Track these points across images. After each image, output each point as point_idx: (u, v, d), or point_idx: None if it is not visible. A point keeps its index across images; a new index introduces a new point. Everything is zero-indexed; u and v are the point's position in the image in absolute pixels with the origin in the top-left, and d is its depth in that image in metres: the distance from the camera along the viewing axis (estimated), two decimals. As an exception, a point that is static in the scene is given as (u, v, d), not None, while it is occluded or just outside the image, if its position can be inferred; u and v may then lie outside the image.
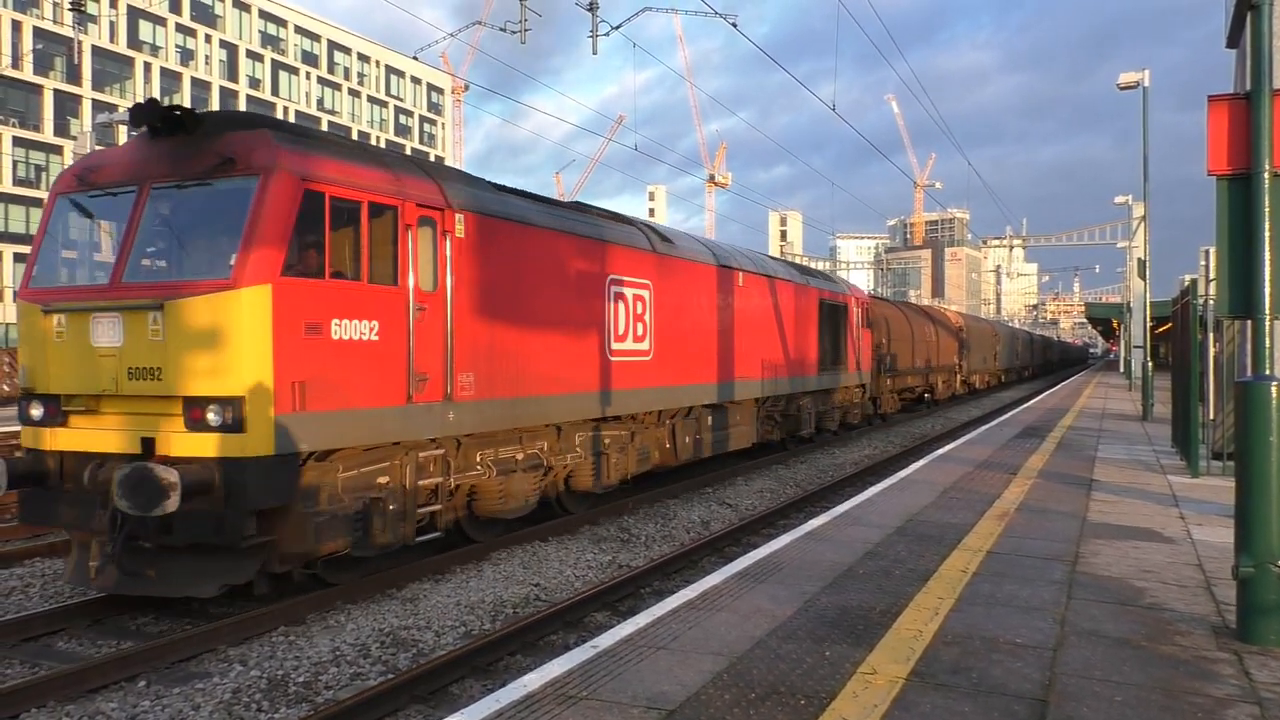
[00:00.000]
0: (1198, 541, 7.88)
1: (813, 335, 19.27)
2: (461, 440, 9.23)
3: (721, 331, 14.93)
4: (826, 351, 20.14)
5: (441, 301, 8.70)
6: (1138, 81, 27.11)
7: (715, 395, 14.65)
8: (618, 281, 11.89)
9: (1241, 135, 5.38)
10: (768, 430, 17.42)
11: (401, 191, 8.32)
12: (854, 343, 22.25)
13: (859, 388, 23.07)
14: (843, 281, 23.27)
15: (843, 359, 21.33)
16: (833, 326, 20.59)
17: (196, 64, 71.10)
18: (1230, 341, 12.68)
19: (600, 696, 4.32)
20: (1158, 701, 4.27)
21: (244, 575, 7.24)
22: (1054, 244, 78.70)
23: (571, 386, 10.80)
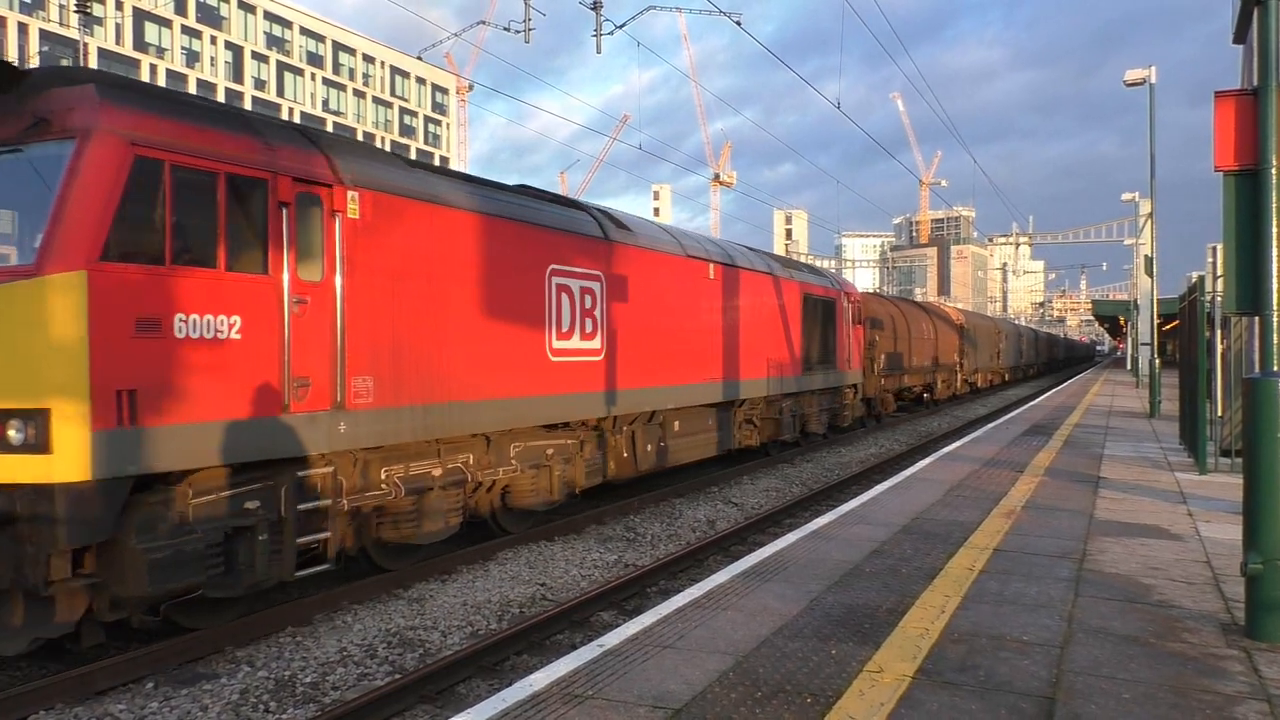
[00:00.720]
0: (1206, 539, 7.86)
1: (796, 332, 18.03)
2: (360, 455, 7.96)
3: (689, 329, 13.74)
4: (812, 350, 18.90)
5: (329, 294, 7.48)
6: (1144, 78, 27.01)
7: (682, 399, 13.51)
8: (561, 272, 10.58)
9: (1249, 131, 5.36)
10: (745, 435, 16.30)
11: (273, 163, 7.07)
12: (844, 340, 20.98)
13: (850, 388, 21.89)
14: (832, 275, 21.94)
15: (832, 358, 20.03)
16: (820, 323, 19.32)
17: (202, 65, 71.26)
18: (1238, 338, 12.63)
19: (606, 695, 4.32)
20: (1166, 699, 4.25)
21: (58, 627, 5.95)
22: (1061, 241, 78.55)
23: (503, 391, 9.54)
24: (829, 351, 19.90)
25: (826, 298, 19.92)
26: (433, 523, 8.73)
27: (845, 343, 21.11)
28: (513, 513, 10.56)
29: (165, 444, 6.25)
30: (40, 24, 59.94)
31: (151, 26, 67.95)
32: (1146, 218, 33.93)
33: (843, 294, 21.15)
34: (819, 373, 19.26)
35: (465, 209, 9.12)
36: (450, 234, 8.88)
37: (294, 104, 77.37)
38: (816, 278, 20.01)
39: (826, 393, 20.22)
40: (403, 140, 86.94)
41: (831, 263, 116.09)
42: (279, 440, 7.03)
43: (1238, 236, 5.44)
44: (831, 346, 20.11)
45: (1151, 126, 26.36)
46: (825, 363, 19.64)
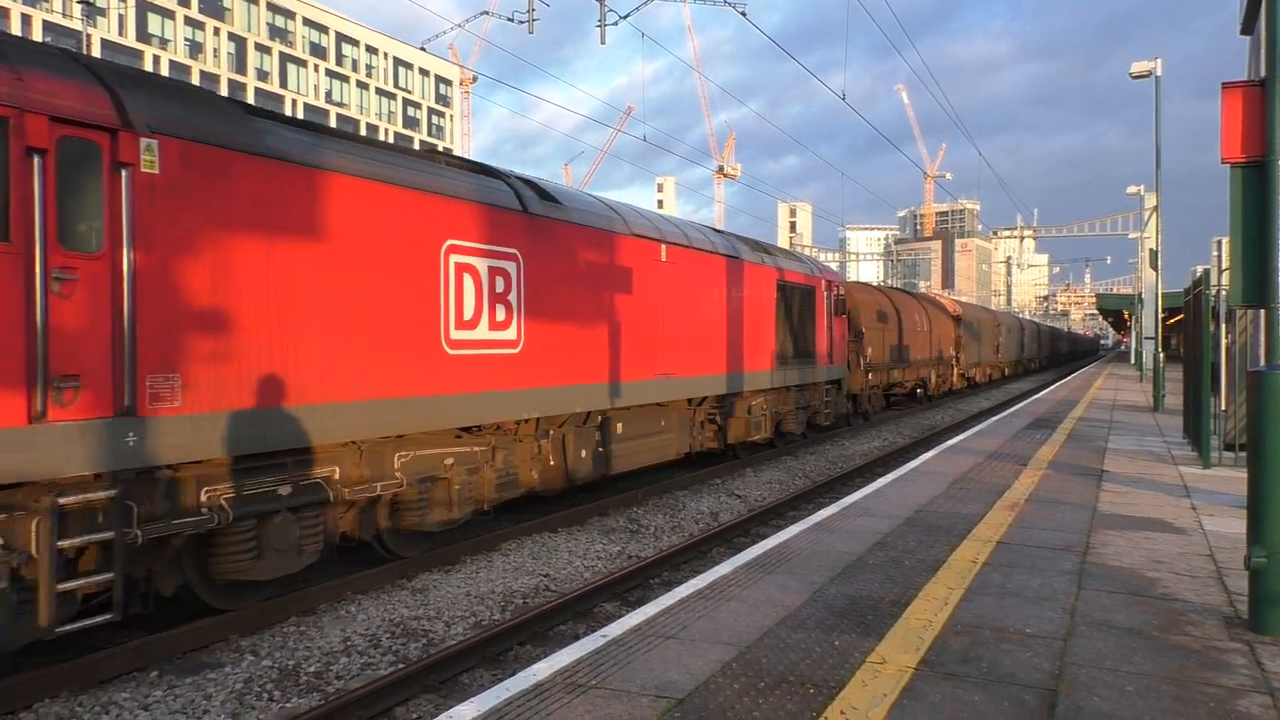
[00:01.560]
0: (1209, 532, 7.85)
1: (768, 323, 16.19)
2: (164, 473, 6.32)
3: (634, 317, 11.98)
4: (787, 342, 17.06)
5: (113, 268, 5.90)
6: (1150, 71, 26.92)
7: (626, 397, 11.73)
8: (463, 249, 8.97)
9: (1256, 122, 5.34)
10: (706, 436, 14.76)
11: (19, 96, 5.47)
12: (825, 332, 19.22)
13: (831, 384, 20.14)
14: (811, 262, 19.88)
15: (810, 351, 18.21)
16: (796, 313, 17.54)
17: (205, 57, 71.20)
18: (1243, 331, 12.60)
19: (609, 685, 4.32)
20: (1169, 691, 4.25)
21: None
22: (1065, 235, 78.37)
23: (379, 390, 7.90)
24: (806, 344, 18.11)
25: (803, 286, 18.05)
26: (278, 553, 7.13)
27: (825, 335, 19.29)
28: (404, 534, 8.88)
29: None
30: (44, 15, 59.91)
31: (154, 17, 67.90)
32: (1151, 211, 33.84)
33: (823, 282, 19.33)
34: (795, 367, 17.43)
35: (324, 168, 7.50)
36: (302, 199, 7.27)
37: (297, 95, 77.32)
38: (792, 263, 17.99)
39: (804, 389, 18.39)
40: (406, 132, 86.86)
41: (835, 255, 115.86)
42: (21, 459, 5.36)
43: (1244, 229, 5.43)
44: (809, 339, 18.32)
45: (1157, 119, 26.27)
46: (802, 356, 17.84)
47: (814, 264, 19.88)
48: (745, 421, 15.77)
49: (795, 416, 18.12)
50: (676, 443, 13.59)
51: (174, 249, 6.29)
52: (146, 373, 6.08)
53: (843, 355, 20.74)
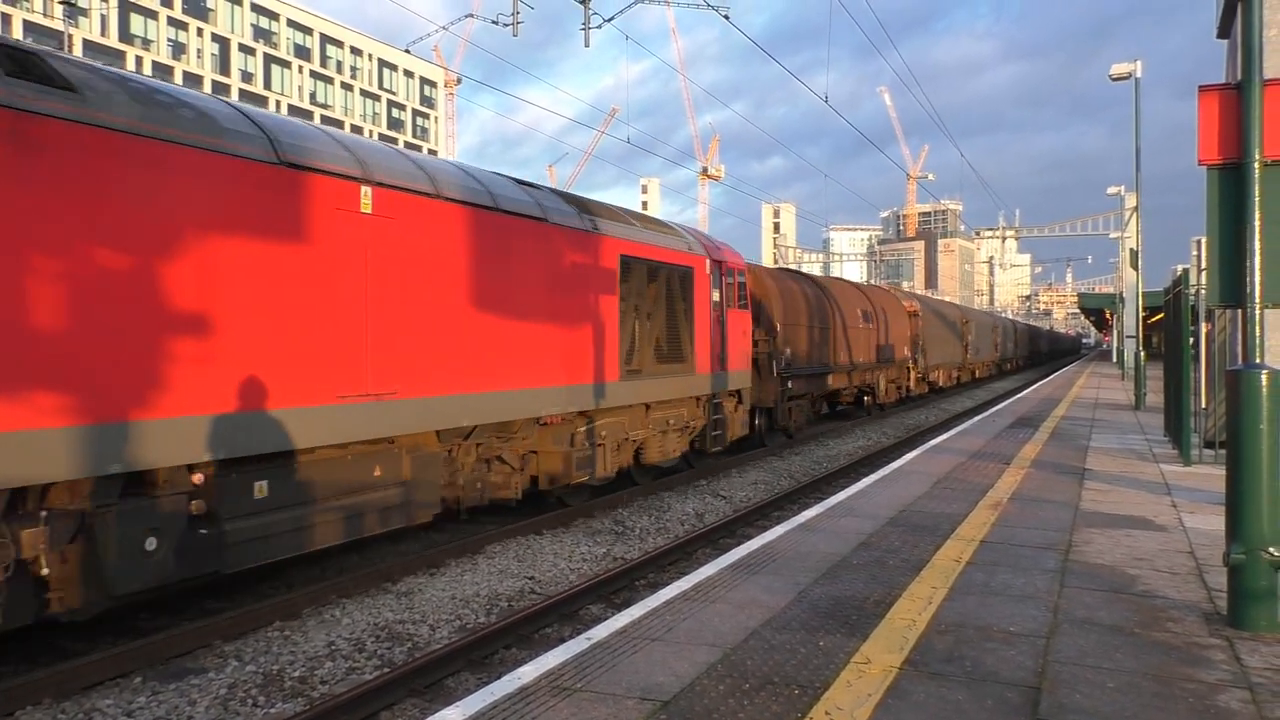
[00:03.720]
0: (1189, 529, 7.92)
1: (603, 316, 11.70)
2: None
3: (296, 305, 7.45)
4: (642, 342, 12.65)
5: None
6: (1130, 73, 27.13)
7: (289, 432, 7.33)
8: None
9: (1232, 125, 5.39)
10: (492, 483, 10.27)
11: None
12: (710, 329, 14.67)
13: (727, 396, 15.57)
14: (693, 235, 15.13)
15: (684, 353, 13.78)
16: (659, 302, 13.18)
17: (188, 58, 70.77)
18: (1221, 330, 12.73)
19: (595, 688, 4.33)
20: (1150, 688, 4.29)
21: None
22: (1047, 235, 78.92)
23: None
24: (679, 345, 13.66)
25: (671, 266, 13.58)
26: None
27: (712, 332, 14.79)
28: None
29: None
30: (24, 14, 59.41)
31: (137, 18, 67.44)
32: (1132, 211, 34.11)
33: (706, 262, 14.78)
34: (657, 377, 13.02)
35: None
36: None
37: (281, 96, 76.95)
38: (652, 234, 13.37)
39: (672, 405, 13.81)
40: (390, 133, 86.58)
41: (819, 256, 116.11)
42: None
43: (1221, 230, 5.48)
44: (684, 337, 13.80)
45: (1137, 120, 26.48)
46: (672, 361, 13.46)
47: (696, 238, 15.16)
48: (565, 457, 11.06)
49: (664, 442, 13.60)
50: (420, 498, 8.85)
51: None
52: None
53: (744, 358, 16.14)
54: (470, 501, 9.93)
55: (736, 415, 16.14)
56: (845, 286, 26.14)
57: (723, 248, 15.99)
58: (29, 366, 5.63)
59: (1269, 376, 5.09)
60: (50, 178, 5.79)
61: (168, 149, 6.49)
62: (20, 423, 5.55)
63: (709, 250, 15.10)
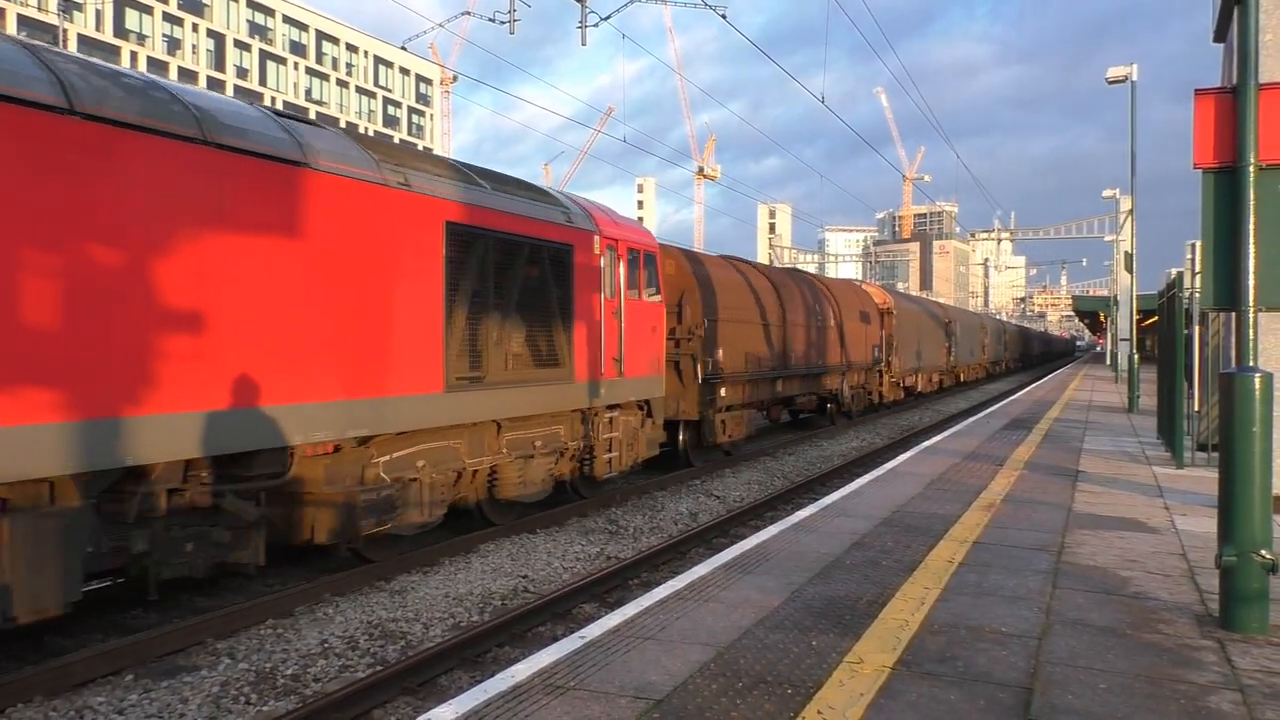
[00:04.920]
0: (1182, 531, 7.95)
1: (423, 303, 8.72)
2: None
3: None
4: (483, 341, 9.49)
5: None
6: (1126, 76, 27.18)
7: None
8: None
9: (1227, 129, 5.41)
10: (188, 550, 6.93)
11: None
12: (599, 324, 11.66)
13: (633, 408, 12.78)
14: (571, 201, 11.87)
15: (557, 356, 10.76)
16: (515, 288, 10.02)
17: (184, 53, 70.60)
18: (1215, 334, 12.77)
19: (588, 686, 4.33)
20: (1142, 689, 4.31)
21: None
22: (1042, 237, 79.11)
23: None
24: (549, 345, 10.63)
25: (540, 242, 10.45)
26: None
27: (604, 329, 11.77)
28: None
29: None
30: (18, 9, 59.19)
31: (132, 13, 67.27)
32: (1127, 214, 34.21)
33: (595, 239, 11.66)
34: (514, 387, 9.92)
35: None
36: None
37: (276, 93, 76.81)
38: (510, 200, 10.09)
39: (552, 422, 10.94)
40: (386, 130, 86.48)
41: (815, 257, 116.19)
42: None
43: (1216, 233, 5.49)
44: (559, 335, 10.79)
45: (1133, 124, 26.55)
46: (540, 365, 10.46)
47: (583, 208, 11.93)
48: (346, 500, 7.98)
49: (526, 471, 10.49)
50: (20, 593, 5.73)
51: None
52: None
53: (654, 362, 13.27)
54: (172, 574, 6.88)
55: (643, 431, 13.19)
56: (801, 279, 22.57)
57: (624, 224, 12.99)
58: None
59: (1261, 380, 5.12)
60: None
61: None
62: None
63: (601, 225, 11.97)
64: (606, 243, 12.00)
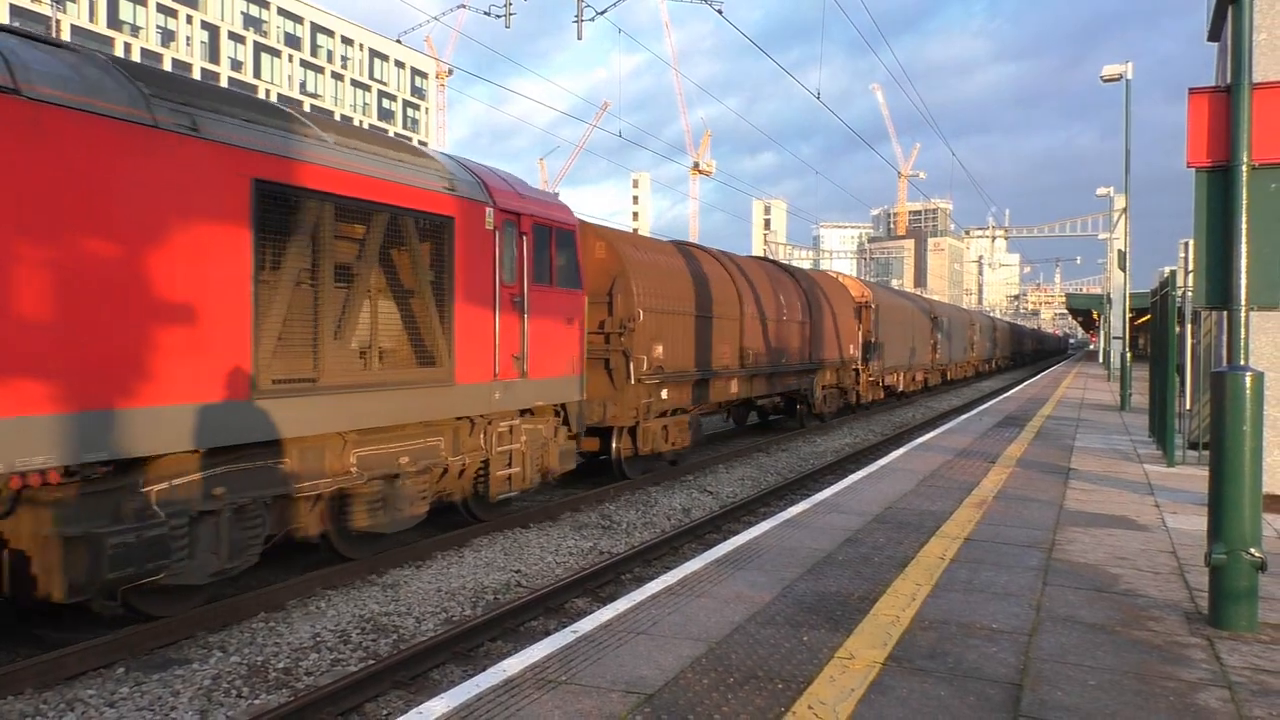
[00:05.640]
0: (1172, 529, 7.98)
1: (218, 282, 6.83)
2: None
3: None
4: (320, 334, 7.74)
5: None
6: (1120, 74, 27.24)
7: None
8: None
9: (1221, 128, 5.42)
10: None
11: None
12: (491, 314, 9.73)
13: (517, 415, 10.44)
14: (454, 163, 9.90)
15: (430, 352, 8.92)
16: (370, 267, 8.27)
17: (177, 45, 70.31)
18: (1207, 333, 12.81)
19: (580, 681, 4.34)
20: (1131, 685, 4.33)
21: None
22: (1036, 235, 79.30)
23: None
24: (417, 339, 8.84)
25: (402, 211, 8.57)
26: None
27: (498, 320, 9.82)
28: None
29: None
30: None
31: (126, 4, 66.97)
32: (1120, 213, 34.29)
33: (492, 212, 9.76)
34: (367, 391, 8.14)
35: None
36: None
37: (271, 85, 76.56)
38: (358, 155, 8.27)
39: (427, 433, 9.09)
40: (381, 124, 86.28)
41: (809, 253, 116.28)
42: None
43: (1208, 232, 5.51)
44: (433, 327, 8.90)
45: (1127, 122, 26.61)
46: (406, 364, 8.67)
47: (471, 172, 9.93)
48: (70, 549, 6.01)
49: (392, 494, 8.61)
50: None
51: None
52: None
53: (570, 360, 11.34)
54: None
55: (555, 441, 11.22)
56: (763, 268, 20.31)
57: (531, 196, 10.83)
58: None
59: (1252, 379, 5.14)
60: None
61: None
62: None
63: (497, 195, 9.93)
64: (504, 217, 10.01)
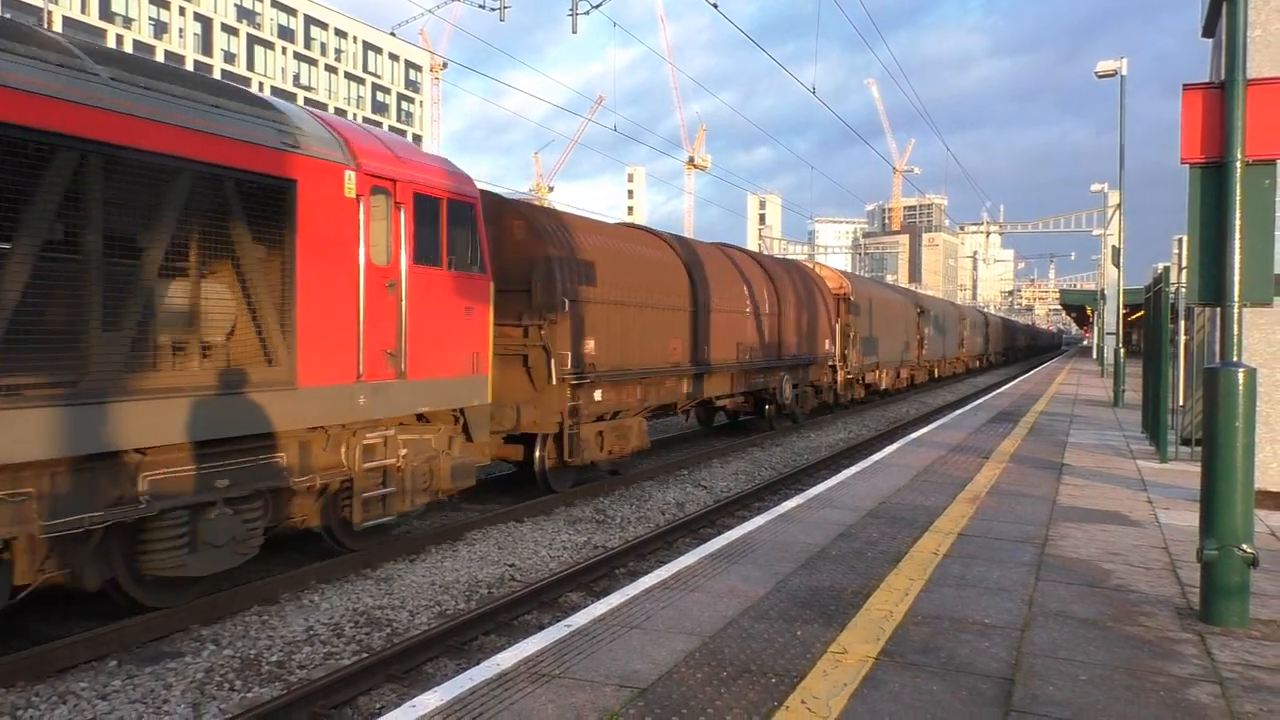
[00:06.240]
0: (1164, 525, 8.01)
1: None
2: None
3: None
4: (78, 323, 5.85)
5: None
6: (1115, 70, 27.25)
7: None
8: None
9: (1215, 124, 5.43)
10: None
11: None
12: (351, 300, 8.03)
13: (400, 424, 8.79)
14: (291, 112, 7.89)
15: (266, 349, 7.24)
16: (163, 238, 6.39)
17: (170, 37, 69.99)
18: (1200, 329, 12.84)
19: (573, 675, 4.34)
20: (1122, 681, 4.34)
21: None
22: (1030, 231, 79.40)
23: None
24: (249, 333, 7.19)
25: (215, 168, 6.75)
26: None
27: (363, 307, 8.17)
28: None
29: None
30: (2, -10, 58.51)
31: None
32: (1115, 209, 34.34)
33: (350, 175, 8.01)
34: (176, 399, 6.48)
35: None
36: None
37: (264, 78, 76.26)
38: (146, 97, 6.27)
39: (259, 448, 7.32)
40: (375, 117, 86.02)
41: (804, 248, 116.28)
42: None
43: (1202, 229, 5.52)
44: (271, 318, 7.27)
45: (1122, 118, 26.62)
46: (239, 364, 7.06)
47: (313, 124, 8.03)
48: None
49: (197, 529, 6.80)
50: None
51: None
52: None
53: (469, 357, 9.56)
54: None
55: (448, 455, 9.39)
56: (725, 255, 18.09)
57: (413, 159, 8.96)
58: None
59: (1245, 375, 5.15)
60: None
61: None
62: None
63: (361, 156, 8.14)
64: (371, 183, 8.23)
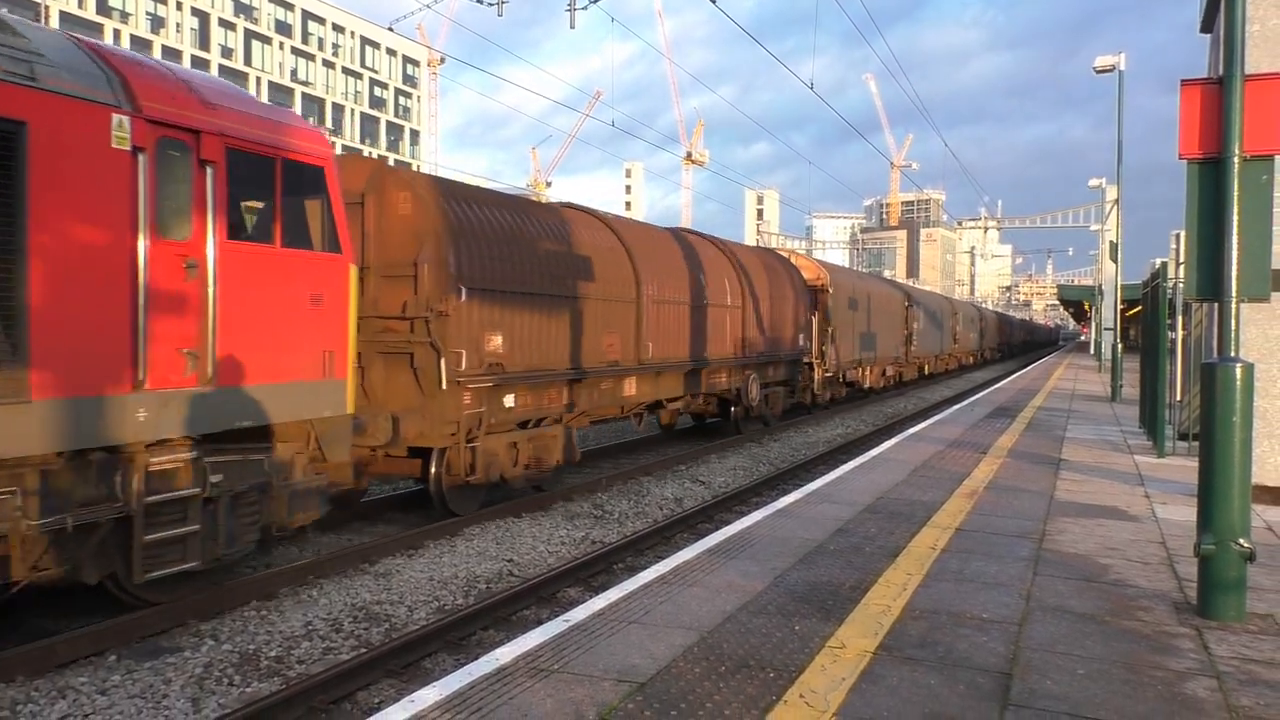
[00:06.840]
0: (1161, 520, 8.02)
1: None
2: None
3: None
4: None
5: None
6: (1113, 65, 27.23)
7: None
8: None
9: (1213, 119, 5.43)
10: None
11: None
12: (120, 283, 6.06)
13: (205, 448, 6.76)
14: (18, 30, 5.75)
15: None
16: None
17: (167, 31, 69.78)
18: (1198, 324, 12.86)
19: (572, 669, 4.35)
20: (1119, 675, 4.36)
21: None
22: (1028, 226, 79.38)
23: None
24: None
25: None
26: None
27: (142, 292, 6.20)
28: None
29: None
30: (-2, -16, 58.33)
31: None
32: (1113, 204, 34.34)
33: (121, 120, 6.09)
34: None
35: None
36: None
37: (261, 73, 76.08)
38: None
39: None
40: (372, 112, 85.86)
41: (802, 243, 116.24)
42: None
43: (1200, 224, 5.52)
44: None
45: (1120, 113, 26.62)
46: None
47: (63, 44, 6.13)
48: None
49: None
50: None
51: None
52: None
53: (314, 355, 7.72)
54: None
55: (289, 479, 7.61)
56: (680, 241, 16.03)
57: (225, 107, 6.98)
58: None
59: (1243, 370, 5.16)
60: None
61: None
62: None
63: (141, 95, 6.34)
64: (160, 133, 6.46)
